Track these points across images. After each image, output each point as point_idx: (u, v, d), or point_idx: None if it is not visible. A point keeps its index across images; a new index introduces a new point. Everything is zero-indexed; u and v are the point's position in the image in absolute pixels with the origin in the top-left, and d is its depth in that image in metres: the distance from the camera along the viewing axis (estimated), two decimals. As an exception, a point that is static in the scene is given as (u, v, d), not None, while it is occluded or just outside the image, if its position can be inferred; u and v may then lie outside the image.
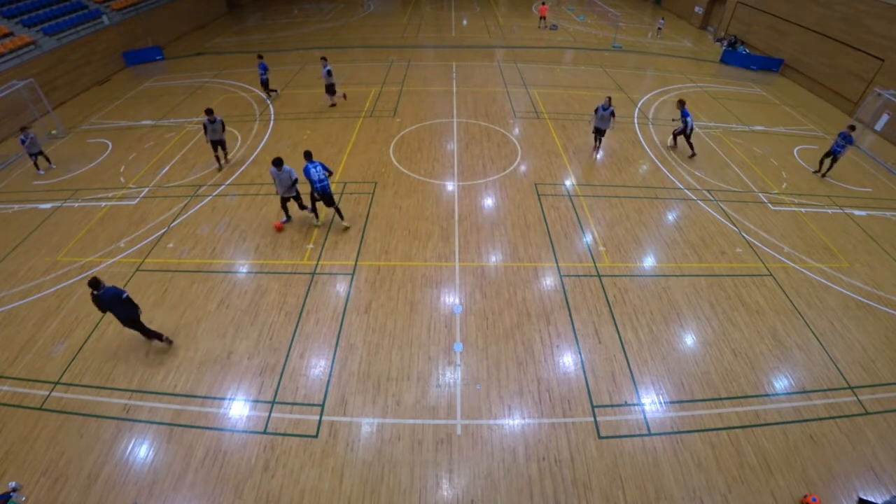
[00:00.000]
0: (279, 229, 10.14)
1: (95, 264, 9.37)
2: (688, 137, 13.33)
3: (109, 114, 16.36)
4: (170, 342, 7.63)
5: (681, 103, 13.27)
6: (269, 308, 8.34)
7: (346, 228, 10.16)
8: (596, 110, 12.57)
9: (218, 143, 12.17)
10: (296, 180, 9.61)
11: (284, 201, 9.99)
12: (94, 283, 6.62)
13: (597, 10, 31.76)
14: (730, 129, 15.38)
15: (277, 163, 9.27)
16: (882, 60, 16.10)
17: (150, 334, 7.44)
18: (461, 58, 21.49)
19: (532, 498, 5.78)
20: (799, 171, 12.99)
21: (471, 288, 8.76)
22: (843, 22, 17.81)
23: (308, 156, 9.61)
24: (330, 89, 15.59)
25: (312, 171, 9.38)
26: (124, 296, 6.83)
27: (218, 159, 12.45)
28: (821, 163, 12.74)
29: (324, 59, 15.23)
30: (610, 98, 12.33)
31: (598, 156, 13.34)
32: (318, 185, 9.43)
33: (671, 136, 13.96)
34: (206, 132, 11.84)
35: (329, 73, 15.16)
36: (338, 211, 10.07)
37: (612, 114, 12.39)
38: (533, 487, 5.88)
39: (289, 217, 10.30)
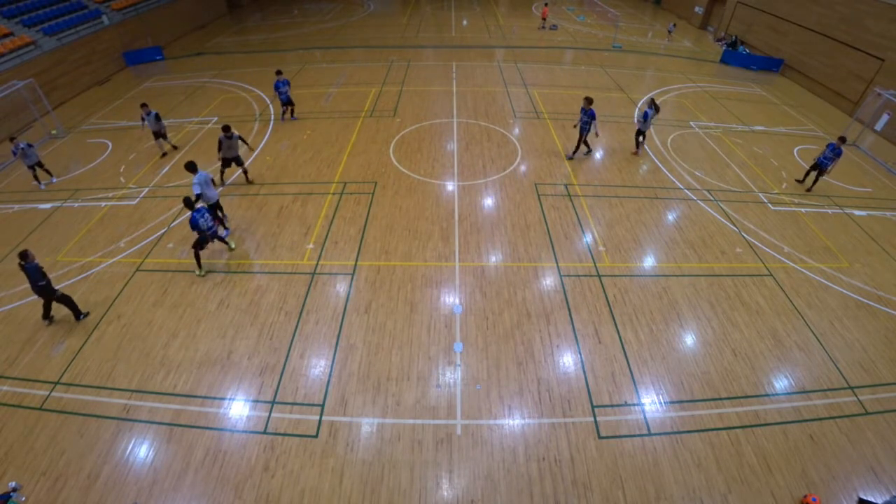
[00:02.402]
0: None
1: (95, 264, 9.37)
2: (582, 136, 12.62)
3: (109, 114, 16.36)
4: (49, 320, 8.18)
5: (587, 101, 12.12)
6: (269, 308, 8.34)
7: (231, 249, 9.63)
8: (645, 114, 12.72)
9: (232, 161, 11.27)
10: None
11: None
12: (23, 255, 7.50)
13: (597, 10, 31.76)
14: (730, 129, 15.38)
15: (191, 167, 9.35)
16: (882, 60, 16.10)
17: (74, 312, 8.13)
18: (461, 58, 21.49)
19: (532, 498, 5.78)
20: (799, 171, 12.98)
21: (471, 288, 8.76)
22: (843, 22, 17.81)
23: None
24: (158, 135, 13.00)
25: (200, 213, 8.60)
26: (41, 283, 7.61)
27: (222, 176, 11.77)
28: (806, 174, 12.13)
29: (144, 105, 12.65)
30: (652, 100, 12.72)
31: (637, 153, 13.40)
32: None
33: (584, 142, 12.91)
34: (219, 149, 10.99)
35: (157, 117, 12.66)
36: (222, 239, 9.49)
37: (647, 116, 12.64)
38: (533, 487, 5.88)
39: None
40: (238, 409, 6.76)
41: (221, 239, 9.36)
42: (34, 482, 5.93)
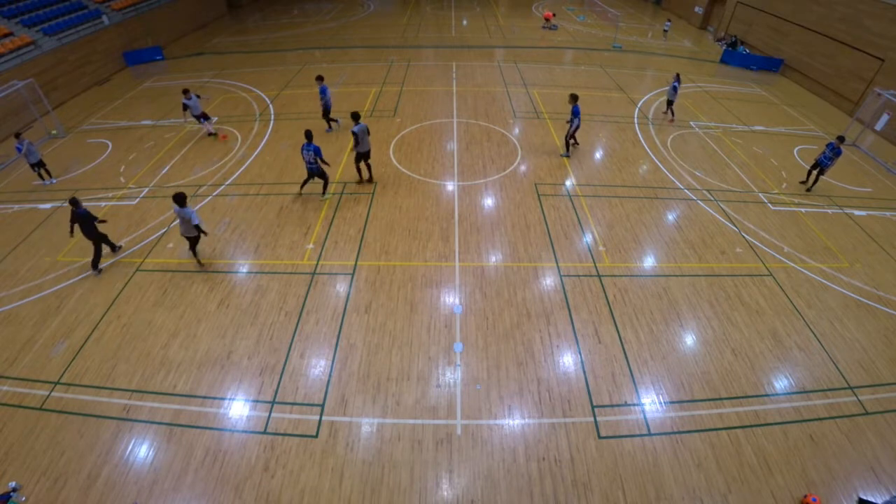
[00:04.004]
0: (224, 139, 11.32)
1: (95, 264, 9.38)
2: (570, 135, 12.80)
3: (109, 114, 16.36)
4: (98, 271, 9.14)
5: (573, 98, 12.32)
6: (269, 308, 8.34)
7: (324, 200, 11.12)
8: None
9: (363, 155, 11.25)
10: (196, 225, 8.65)
11: (192, 242, 9.06)
12: (74, 202, 8.52)
13: (597, 10, 31.77)
14: (730, 129, 15.38)
15: (180, 200, 8.42)
16: (882, 60, 16.10)
17: (111, 246, 9.42)
18: (461, 58, 21.49)
19: (532, 498, 5.78)
20: (799, 171, 12.98)
21: (471, 288, 8.76)
22: (843, 22, 17.81)
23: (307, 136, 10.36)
24: (201, 118, 13.81)
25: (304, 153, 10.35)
26: (95, 221, 8.79)
27: (360, 172, 11.72)
28: (809, 174, 12.08)
29: (186, 91, 13.34)
30: (678, 74, 14.97)
31: (672, 120, 15.57)
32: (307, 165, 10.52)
33: (566, 139, 13.01)
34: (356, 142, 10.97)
35: (198, 98, 13.55)
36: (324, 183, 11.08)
37: (675, 88, 14.82)
38: (533, 487, 5.88)
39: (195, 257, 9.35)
40: (238, 409, 6.76)
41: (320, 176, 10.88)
42: (34, 482, 5.93)
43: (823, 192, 12.17)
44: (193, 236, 8.97)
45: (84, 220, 8.63)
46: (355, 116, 10.78)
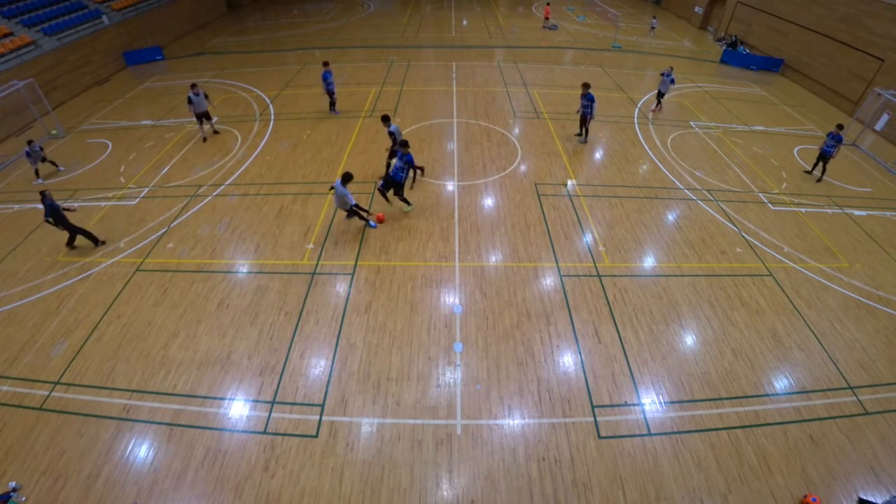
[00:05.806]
0: (381, 220, 10.56)
1: (95, 264, 9.37)
2: (585, 121, 13.52)
3: (109, 114, 16.36)
4: (97, 243, 9.79)
5: (585, 87, 12.99)
6: (269, 308, 8.34)
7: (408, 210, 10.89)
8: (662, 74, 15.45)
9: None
10: (352, 207, 9.66)
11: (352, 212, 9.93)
12: (42, 194, 8.97)
13: (597, 10, 31.77)
14: (730, 129, 15.38)
15: (346, 178, 9.45)
16: (882, 60, 16.10)
17: (91, 240, 9.74)
18: (461, 58, 21.49)
19: (532, 498, 5.78)
20: (799, 171, 12.99)
21: (471, 288, 8.76)
22: (843, 22, 17.80)
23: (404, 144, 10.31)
24: (202, 117, 13.58)
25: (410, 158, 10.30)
26: (47, 218, 9.07)
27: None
28: (814, 166, 12.57)
29: (193, 85, 13.27)
30: (671, 67, 15.72)
31: (656, 110, 16.21)
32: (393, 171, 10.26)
33: (587, 126, 13.75)
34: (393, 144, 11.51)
35: (205, 96, 13.36)
36: (402, 198, 10.64)
37: (672, 80, 15.18)
38: (533, 487, 5.89)
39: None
40: (238, 408, 6.76)
41: (402, 198, 10.69)
42: (34, 482, 5.93)
43: (823, 193, 12.17)
44: (347, 209, 9.77)
45: (51, 211, 9.01)
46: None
